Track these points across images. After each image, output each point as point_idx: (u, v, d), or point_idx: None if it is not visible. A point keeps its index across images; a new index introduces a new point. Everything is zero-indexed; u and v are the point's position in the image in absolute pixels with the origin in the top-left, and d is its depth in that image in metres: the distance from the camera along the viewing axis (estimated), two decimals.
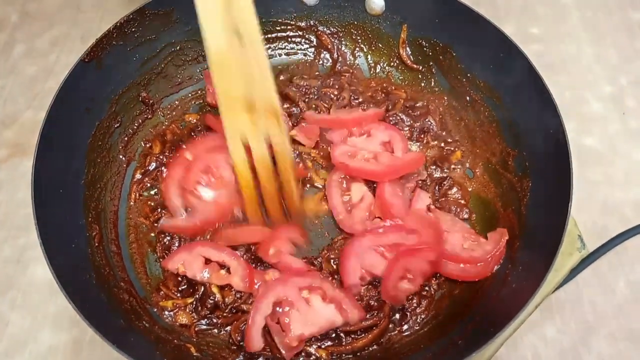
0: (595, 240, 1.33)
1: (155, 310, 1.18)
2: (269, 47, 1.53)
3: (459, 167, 1.37)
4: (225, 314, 1.18)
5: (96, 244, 1.19)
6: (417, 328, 1.17)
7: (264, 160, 1.17)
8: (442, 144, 1.40)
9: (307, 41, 1.54)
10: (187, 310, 1.19)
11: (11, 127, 1.55)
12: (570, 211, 1.05)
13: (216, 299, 1.18)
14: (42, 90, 1.61)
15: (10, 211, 1.41)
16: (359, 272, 1.18)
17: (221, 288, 1.19)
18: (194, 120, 1.44)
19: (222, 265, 1.21)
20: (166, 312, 1.19)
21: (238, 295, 1.19)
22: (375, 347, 1.16)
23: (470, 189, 1.34)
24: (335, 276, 1.21)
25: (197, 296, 1.19)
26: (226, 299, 1.18)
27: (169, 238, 1.27)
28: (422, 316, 1.18)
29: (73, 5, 1.79)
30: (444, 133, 1.41)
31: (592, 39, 1.71)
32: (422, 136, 1.41)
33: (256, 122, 1.12)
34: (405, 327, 1.18)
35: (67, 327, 1.25)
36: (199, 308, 1.18)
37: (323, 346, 1.15)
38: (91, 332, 1.20)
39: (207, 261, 1.21)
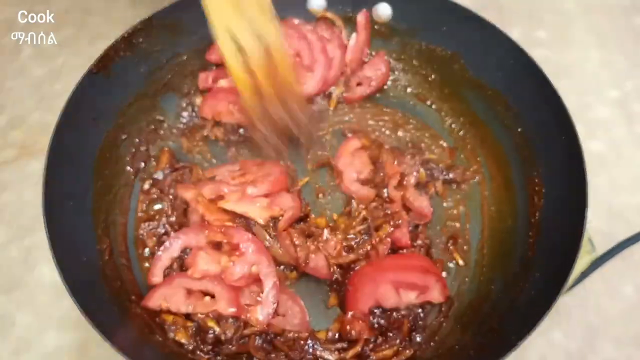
0: (601, 245, 1.32)
1: (168, 325, 1.16)
2: None
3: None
4: (232, 346, 1.13)
5: (107, 257, 1.17)
6: (437, 339, 1.17)
7: (258, 57, 1.11)
8: None
9: None
10: (189, 332, 1.13)
11: (19, 128, 1.54)
12: (587, 213, 1.06)
13: (216, 333, 1.12)
14: (49, 92, 1.61)
15: (17, 212, 1.40)
16: (372, 301, 1.15)
17: (217, 321, 1.13)
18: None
19: (205, 293, 1.16)
20: (165, 326, 1.15)
21: (237, 324, 1.13)
22: None
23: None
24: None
25: (195, 325, 1.15)
26: (227, 332, 1.13)
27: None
28: (445, 331, 1.18)
29: (81, 8, 1.79)
30: None
31: (598, 44, 1.71)
32: None
33: (245, 17, 1.07)
34: (427, 343, 1.17)
35: (73, 328, 1.24)
36: (200, 344, 1.13)
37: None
38: (97, 333, 1.20)
39: (189, 292, 1.16)
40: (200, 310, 1.14)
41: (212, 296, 1.15)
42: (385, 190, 1.28)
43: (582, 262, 1.23)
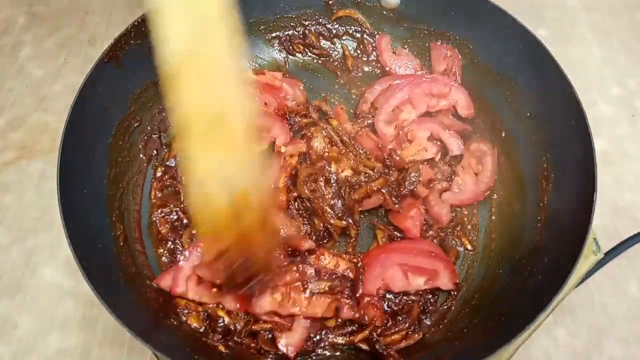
0: (606, 243, 1.32)
1: (180, 309, 1.18)
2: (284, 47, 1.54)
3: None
4: (241, 339, 1.15)
5: (121, 244, 1.19)
6: (445, 322, 1.19)
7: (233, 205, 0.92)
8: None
9: (322, 37, 1.54)
10: (201, 317, 1.16)
11: (18, 129, 1.53)
12: (596, 197, 1.07)
13: (225, 322, 1.14)
14: (49, 92, 1.59)
15: (17, 214, 1.40)
16: (379, 283, 1.18)
17: (228, 312, 1.15)
18: None
19: (213, 284, 1.17)
20: (178, 309, 1.17)
21: (247, 318, 1.15)
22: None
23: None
24: None
25: (206, 313, 1.17)
26: (236, 324, 1.15)
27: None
28: (453, 314, 1.19)
29: (80, 7, 1.78)
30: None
31: (600, 42, 1.70)
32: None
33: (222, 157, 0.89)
34: (436, 326, 1.19)
35: (76, 330, 1.25)
36: (210, 333, 1.15)
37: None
38: (100, 335, 1.23)
39: (200, 280, 1.17)
40: (205, 300, 1.16)
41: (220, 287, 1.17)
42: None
43: (587, 262, 1.23)
